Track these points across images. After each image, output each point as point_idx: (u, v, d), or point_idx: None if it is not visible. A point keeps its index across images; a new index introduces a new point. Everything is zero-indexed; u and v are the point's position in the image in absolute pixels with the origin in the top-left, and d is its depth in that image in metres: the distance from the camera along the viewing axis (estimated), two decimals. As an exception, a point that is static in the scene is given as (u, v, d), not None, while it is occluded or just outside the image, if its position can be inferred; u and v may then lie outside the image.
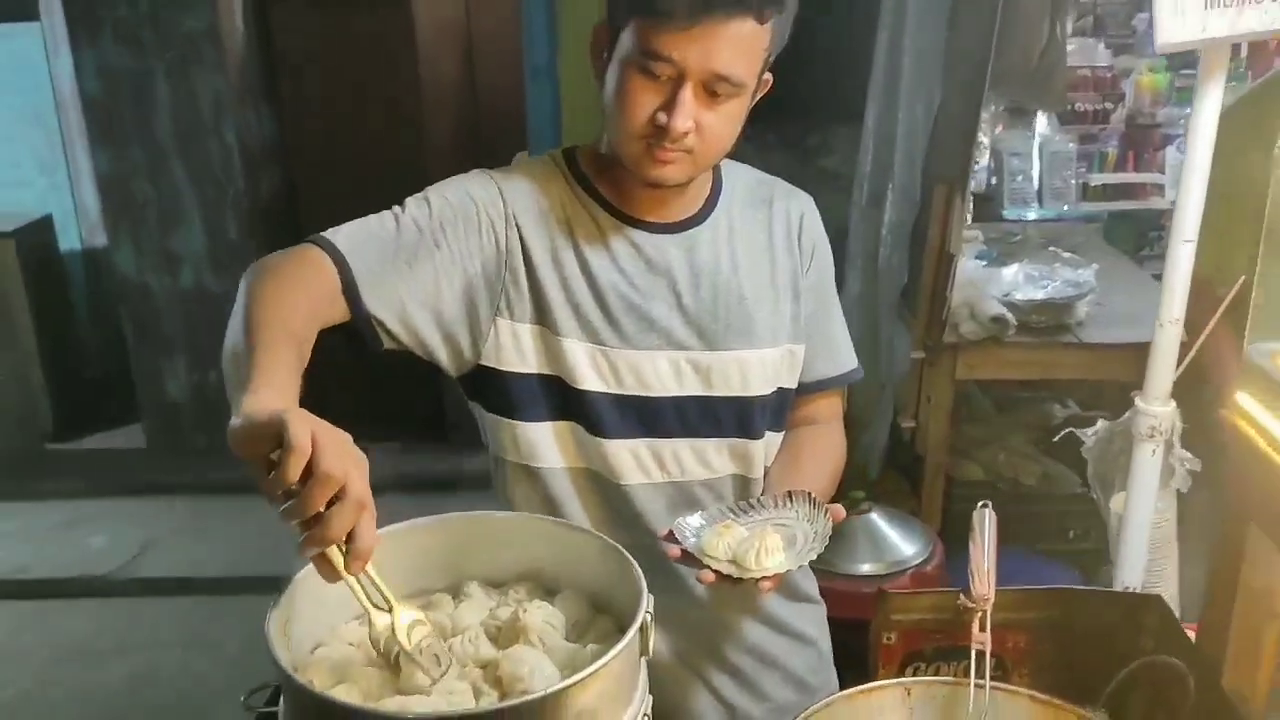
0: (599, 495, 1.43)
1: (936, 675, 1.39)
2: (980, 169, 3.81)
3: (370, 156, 4.90)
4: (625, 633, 1.03)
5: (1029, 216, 3.92)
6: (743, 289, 1.44)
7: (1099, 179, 4.02)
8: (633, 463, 1.41)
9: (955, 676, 1.34)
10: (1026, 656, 1.43)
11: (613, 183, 1.41)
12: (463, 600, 1.22)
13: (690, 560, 1.24)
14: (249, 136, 4.64)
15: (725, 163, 1.46)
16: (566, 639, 1.15)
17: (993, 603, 1.32)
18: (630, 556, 1.13)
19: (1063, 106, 3.55)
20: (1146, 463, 1.77)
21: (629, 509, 1.42)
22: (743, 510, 1.33)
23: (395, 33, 4.85)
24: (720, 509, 1.34)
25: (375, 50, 4.83)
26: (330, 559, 0.98)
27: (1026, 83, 2.60)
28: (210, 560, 4.12)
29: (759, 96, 1.36)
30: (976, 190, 3.80)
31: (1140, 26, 3.95)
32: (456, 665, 1.09)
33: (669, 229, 1.42)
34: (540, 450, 1.41)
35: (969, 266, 3.00)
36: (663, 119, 1.26)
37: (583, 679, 0.96)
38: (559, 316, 1.37)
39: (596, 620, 1.19)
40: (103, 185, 4.66)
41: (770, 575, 1.20)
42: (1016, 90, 2.77)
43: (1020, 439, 3.43)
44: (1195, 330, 1.84)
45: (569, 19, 3.61)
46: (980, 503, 1.37)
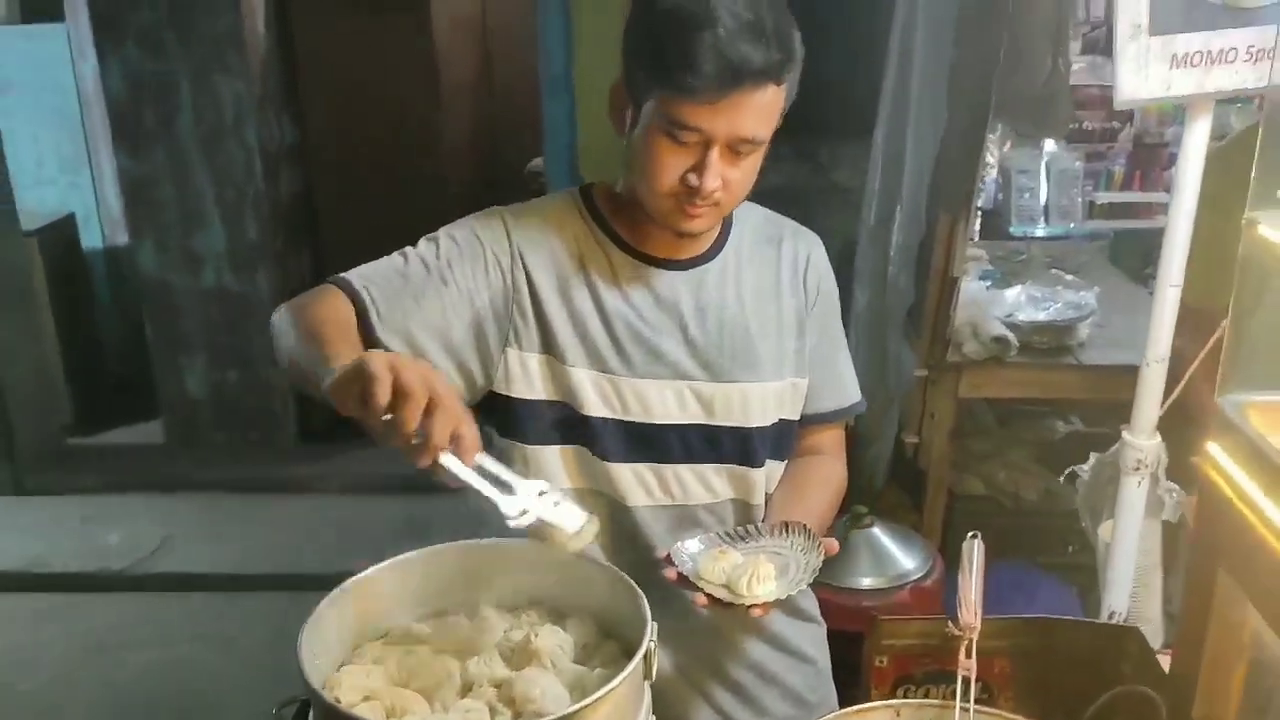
0: (604, 515, 1.50)
1: (926, 698, 1.45)
2: (988, 185, 3.87)
3: (387, 159, 4.99)
4: (630, 657, 1.11)
5: (1035, 233, 3.96)
6: (748, 324, 1.51)
7: (1105, 197, 4.08)
8: (637, 485, 1.48)
9: (943, 700, 1.40)
10: (1011, 682, 1.50)
11: (627, 221, 1.49)
12: (478, 623, 1.29)
13: (686, 584, 1.30)
14: (269, 139, 4.73)
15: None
16: (575, 662, 1.23)
17: (979, 630, 1.38)
18: (637, 587, 1.21)
19: (1065, 134, 3.60)
20: (1133, 494, 1.84)
21: (633, 529, 1.48)
22: (739, 537, 1.40)
23: (414, 38, 4.93)
24: (717, 535, 1.40)
25: (394, 55, 4.91)
26: (444, 465, 1.10)
27: (1030, 111, 2.66)
28: (226, 557, 4.19)
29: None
30: (983, 206, 3.87)
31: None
32: (595, 521, 1.21)
33: (679, 265, 1.50)
34: (548, 472, 1.47)
35: (973, 287, 3.06)
36: (693, 181, 1.34)
37: (592, 702, 1.04)
38: (567, 347, 1.44)
39: (603, 644, 1.26)
40: (126, 185, 4.76)
41: (761, 603, 1.27)
42: (1020, 119, 2.82)
43: (1022, 454, 3.47)
44: (1191, 358, 1.90)
45: (585, 29, 3.66)
46: (970, 534, 1.43)
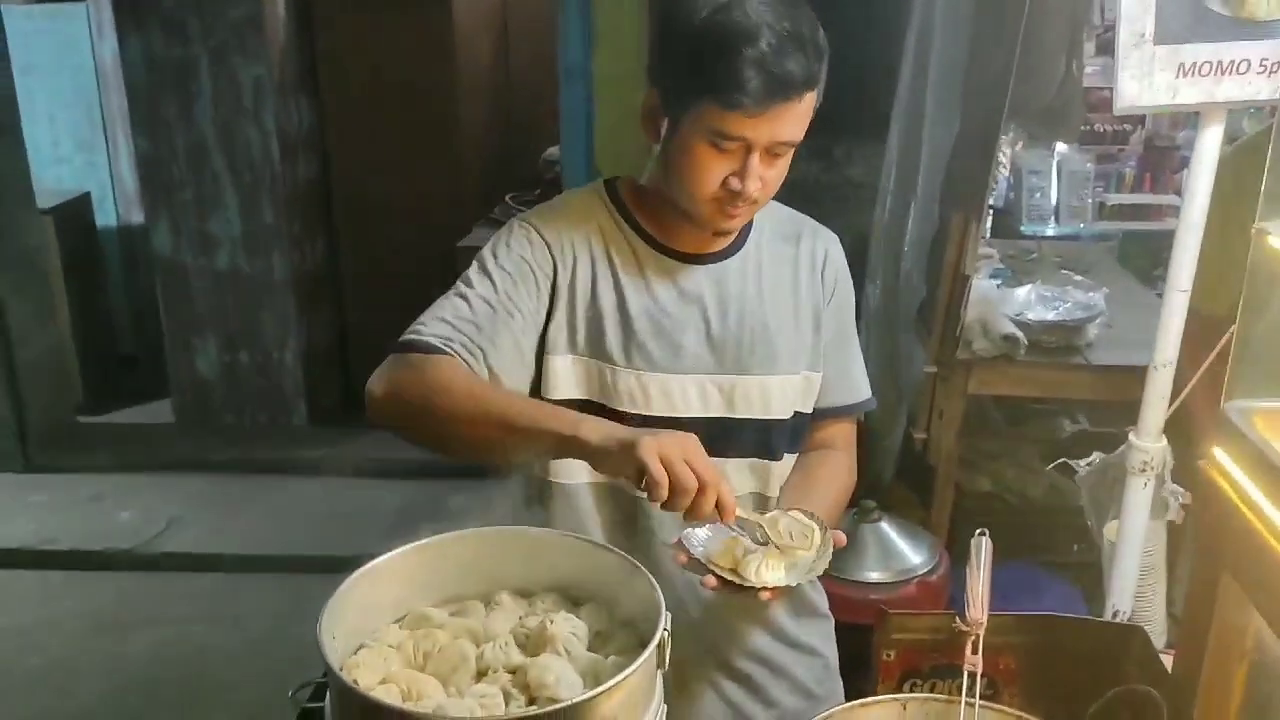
0: (623, 508, 1.52)
1: (932, 692, 1.47)
2: (999, 184, 3.89)
3: (404, 145, 5.01)
4: (644, 645, 1.13)
5: (1046, 233, 3.98)
6: (767, 318, 1.53)
7: (1115, 199, 4.08)
8: None
9: (949, 694, 1.42)
10: (1016, 678, 1.52)
11: (651, 215, 1.52)
12: (494, 608, 1.31)
13: (696, 566, 1.33)
14: (287, 124, 4.76)
15: None
16: (589, 649, 1.25)
17: (986, 627, 1.41)
18: (651, 577, 1.23)
19: (1077, 138, 3.62)
20: (1138, 495, 1.86)
21: (650, 523, 1.51)
22: (749, 526, 1.42)
23: (433, 25, 4.94)
24: (727, 524, 1.43)
25: (412, 42, 4.92)
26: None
27: (1043, 116, 2.67)
28: (235, 537, 4.22)
29: None
30: (995, 205, 3.88)
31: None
32: (818, 530, 1.36)
33: (702, 259, 1.52)
34: (574, 467, 1.50)
35: (983, 286, 3.07)
36: (735, 185, 1.38)
37: (606, 690, 1.06)
38: (595, 343, 1.48)
39: (618, 633, 1.28)
40: (142, 167, 4.79)
41: (770, 587, 1.30)
42: (1033, 123, 2.84)
43: (1029, 453, 3.49)
44: (1195, 362, 1.92)
45: (604, 19, 3.67)
46: (978, 531, 1.45)
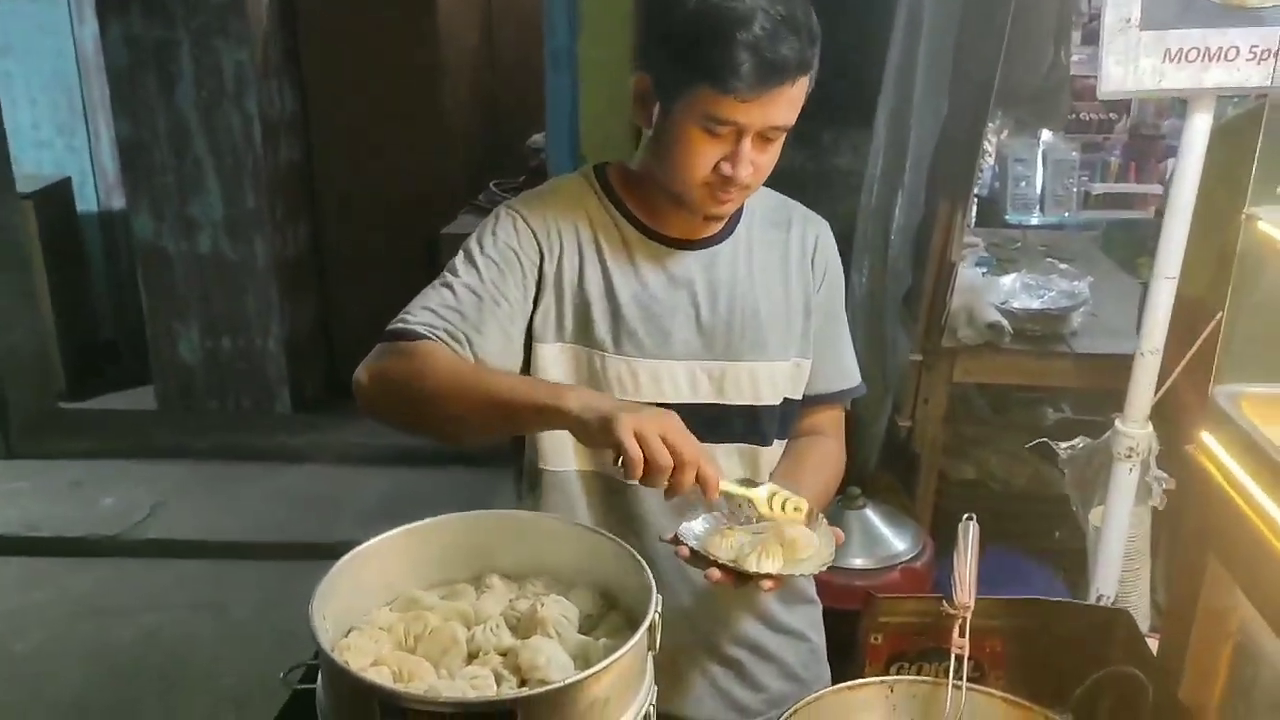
0: (612, 495, 1.52)
1: (919, 675, 1.48)
2: (985, 172, 3.90)
3: (388, 130, 4.98)
4: (634, 628, 1.13)
5: (1031, 222, 4.00)
6: (758, 304, 1.53)
7: (1100, 188, 4.11)
8: None
9: (935, 677, 1.44)
10: (1002, 660, 1.53)
11: (641, 200, 1.51)
12: (485, 591, 1.31)
13: (699, 560, 1.33)
14: (270, 108, 4.72)
15: None
16: (579, 632, 1.25)
17: (973, 610, 1.42)
18: (642, 560, 1.23)
19: (1063, 127, 3.63)
20: (1124, 480, 1.87)
21: (639, 508, 1.51)
22: (742, 516, 1.42)
23: (417, 9, 4.91)
24: (720, 515, 1.42)
25: (396, 24, 4.89)
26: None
27: (1031, 104, 2.68)
28: (218, 524, 4.20)
29: None
30: (980, 194, 3.89)
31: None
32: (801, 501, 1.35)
33: (692, 246, 1.52)
34: (564, 455, 1.50)
35: (969, 274, 3.08)
36: (727, 170, 1.37)
37: (597, 671, 1.06)
38: (584, 329, 1.47)
39: (608, 615, 1.29)
40: (124, 151, 4.74)
41: (774, 575, 1.30)
42: (1021, 110, 2.85)
43: (1013, 440, 3.50)
44: (1186, 348, 1.93)
45: (590, 4, 3.65)
46: (965, 515, 1.46)
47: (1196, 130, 1.83)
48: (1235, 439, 1.19)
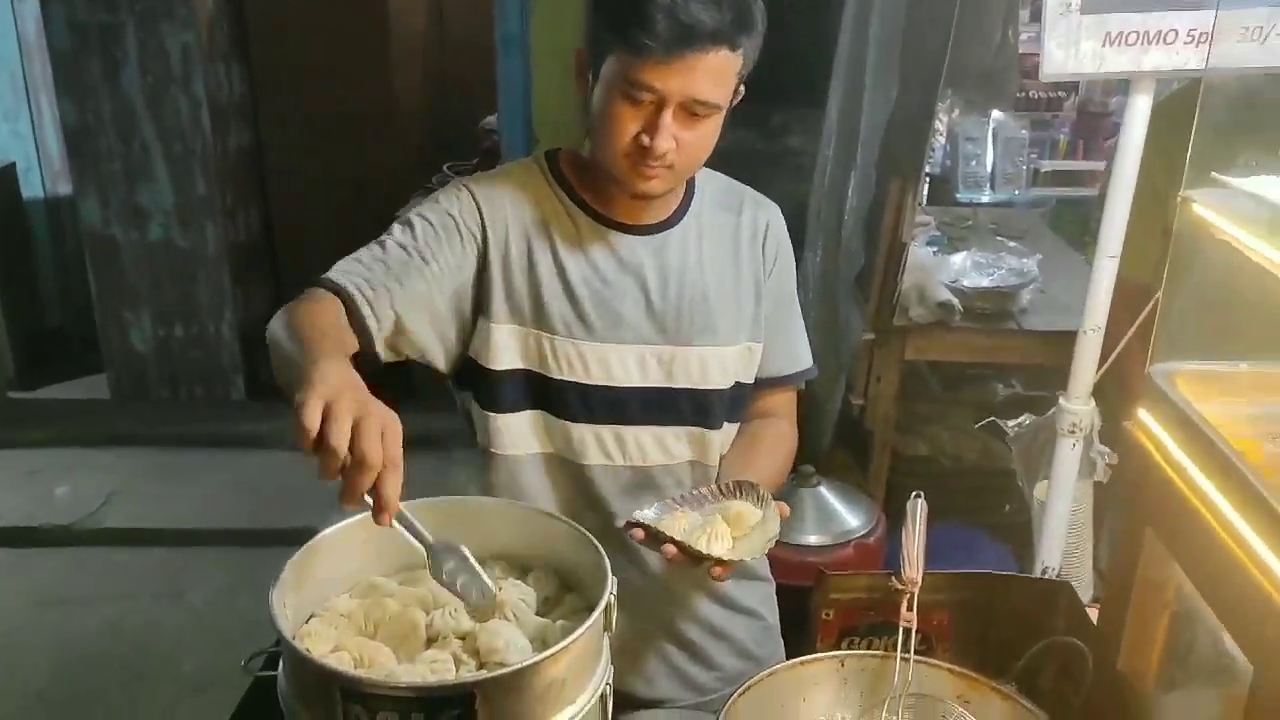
0: (564, 478, 1.55)
1: (869, 649, 1.52)
2: (936, 151, 3.94)
3: (338, 114, 4.94)
4: (591, 610, 1.15)
5: (981, 199, 4.04)
6: (708, 289, 1.55)
7: (1049, 165, 4.16)
8: (596, 447, 1.53)
9: (885, 651, 1.47)
10: (949, 633, 1.57)
11: (591, 186, 1.52)
12: (444, 576, 1.33)
13: (653, 541, 1.35)
14: (218, 92, 4.67)
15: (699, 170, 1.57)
16: (537, 614, 1.28)
17: (920, 585, 1.45)
18: (597, 543, 1.25)
19: (1012, 105, 3.68)
20: (1067, 456, 1.92)
21: (592, 491, 1.53)
22: (695, 500, 1.45)
23: (366, -9, 4.88)
24: (673, 500, 1.44)
25: (346, 9, 4.85)
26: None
27: (979, 82, 2.72)
28: (174, 512, 4.18)
29: (733, 104, 1.45)
30: (931, 172, 3.94)
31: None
32: (509, 587, 1.25)
33: (642, 231, 1.53)
34: (515, 438, 1.52)
35: (920, 253, 3.13)
36: (646, 140, 1.37)
37: (554, 653, 1.09)
38: (534, 313, 1.49)
39: (565, 598, 1.31)
40: (69, 137, 4.67)
41: (725, 561, 1.32)
42: (970, 89, 2.88)
43: (963, 416, 3.56)
44: (1123, 326, 1.98)
45: (540, -10, 3.65)
46: (914, 493, 1.49)
47: (1137, 111, 1.87)
48: (1171, 415, 1.23)
